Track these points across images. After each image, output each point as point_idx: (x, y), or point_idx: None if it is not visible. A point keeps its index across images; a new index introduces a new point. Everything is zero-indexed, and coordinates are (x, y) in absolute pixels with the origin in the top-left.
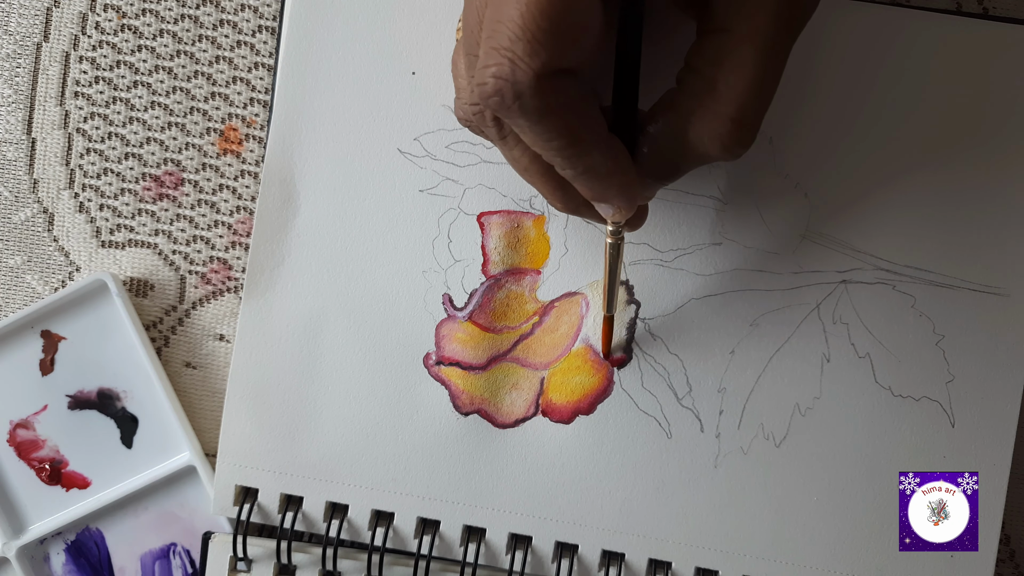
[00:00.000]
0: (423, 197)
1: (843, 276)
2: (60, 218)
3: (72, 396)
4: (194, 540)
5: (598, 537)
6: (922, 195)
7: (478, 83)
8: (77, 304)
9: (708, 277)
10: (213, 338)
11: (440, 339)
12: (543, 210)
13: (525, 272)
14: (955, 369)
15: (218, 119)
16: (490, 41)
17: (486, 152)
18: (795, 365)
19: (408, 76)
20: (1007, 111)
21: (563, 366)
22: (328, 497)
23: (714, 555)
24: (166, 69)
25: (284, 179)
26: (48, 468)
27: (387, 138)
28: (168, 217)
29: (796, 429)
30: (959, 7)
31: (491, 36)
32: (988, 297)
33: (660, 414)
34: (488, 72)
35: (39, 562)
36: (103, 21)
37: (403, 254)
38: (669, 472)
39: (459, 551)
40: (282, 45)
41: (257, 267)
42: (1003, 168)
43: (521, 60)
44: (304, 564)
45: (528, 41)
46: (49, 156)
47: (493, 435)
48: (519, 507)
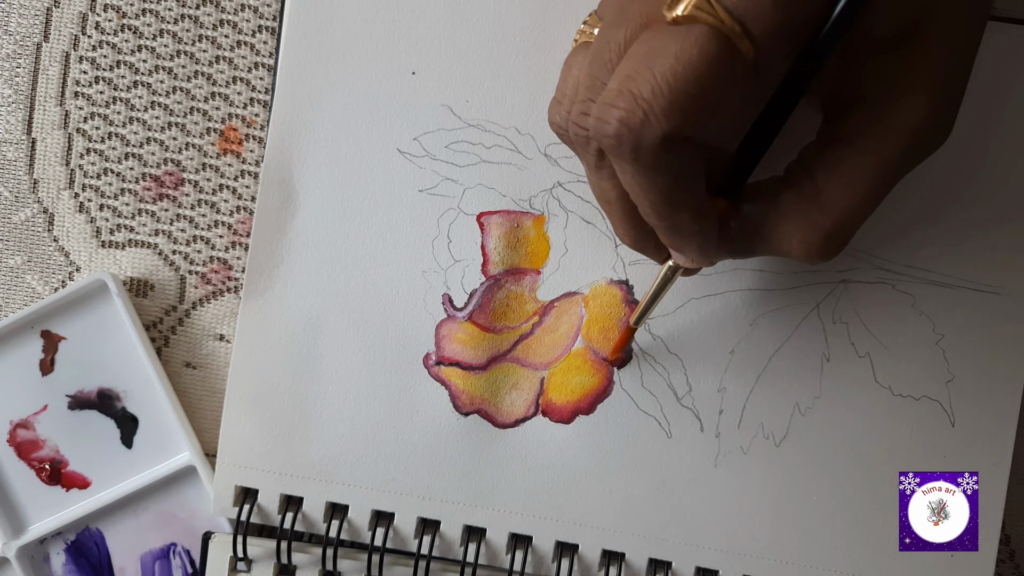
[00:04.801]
0: (423, 197)
1: (843, 275)
2: (60, 218)
3: (72, 396)
4: (194, 540)
5: (598, 537)
6: (922, 195)
7: (600, 117)
8: (77, 304)
9: (708, 277)
10: (213, 338)
11: (440, 339)
12: (543, 210)
13: (525, 272)
14: (955, 369)
15: (218, 119)
16: (629, 83)
17: (486, 152)
18: (795, 365)
19: (408, 76)
20: (1007, 111)
21: (563, 366)
22: (328, 497)
23: (714, 555)
24: (166, 69)
25: (283, 179)
26: (48, 468)
27: (387, 138)
28: (168, 217)
29: (796, 429)
30: None
31: (632, 78)
32: (988, 297)
33: (660, 414)
34: (615, 114)
35: (39, 562)
36: (103, 21)
37: (403, 254)
38: (669, 472)
39: (459, 551)
40: (282, 45)
41: (257, 267)
42: (1003, 168)
43: (656, 117)
44: (304, 564)
45: (671, 101)
46: (49, 156)
47: (493, 435)
48: (519, 507)
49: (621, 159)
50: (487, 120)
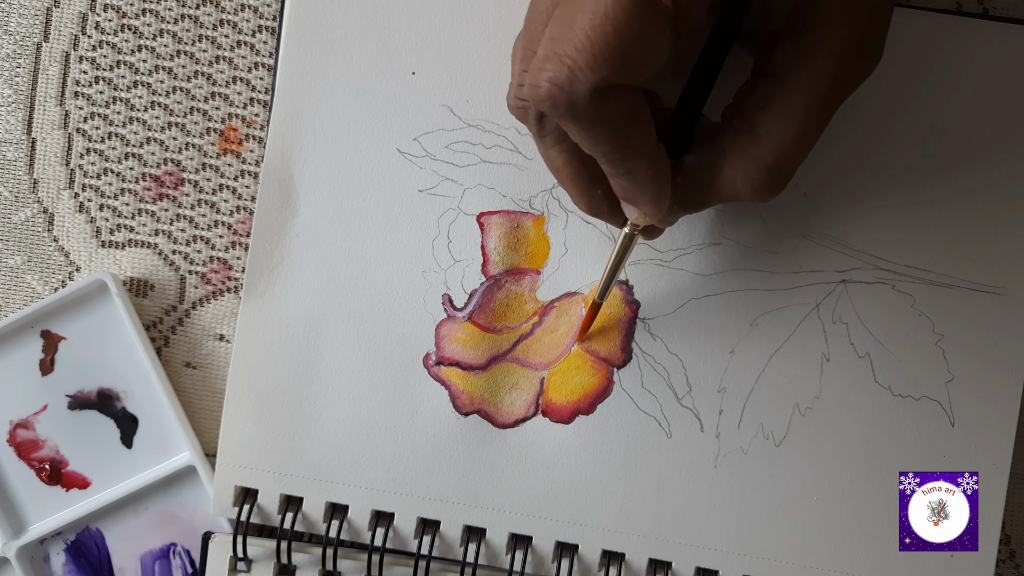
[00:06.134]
0: (423, 197)
1: (843, 276)
2: (60, 218)
3: (72, 396)
4: (194, 540)
5: (598, 537)
6: (921, 195)
7: (532, 83)
8: (77, 304)
9: (708, 277)
10: (213, 338)
11: (440, 339)
12: (543, 210)
13: (525, 272)
14: (955, 369)
15: (218, 119)
16: (553, 44)
17: (486, 152)
18: (795, 365)
19: (408, 76)
20: (1007, 111)
21: (563, 366)
22: (328, 497)
23: (714, 555)
24: (166, 69)
25: (283, 179)
26: (48, 468)
27: (386, 138)
28: (168, 217)
29: (796, 429)
30: (959, 7)
31: (555, 39)
32: (988, 297)
33: (660, 414)
34: (544, 75)
35: (39, 562)
36: (103, 21)
37: (403, 254)
38: (669, 472)
39: (459, 551)
40: (282, 45)
41: (256, 267)
42: (1003, 168)
43: (581, 71)
44: (304, 564)
45: (593, 55)
46: (49, 156)
47: (493, 435)
48: (519, 507)
49: (561, 119)
50: (487, 120)
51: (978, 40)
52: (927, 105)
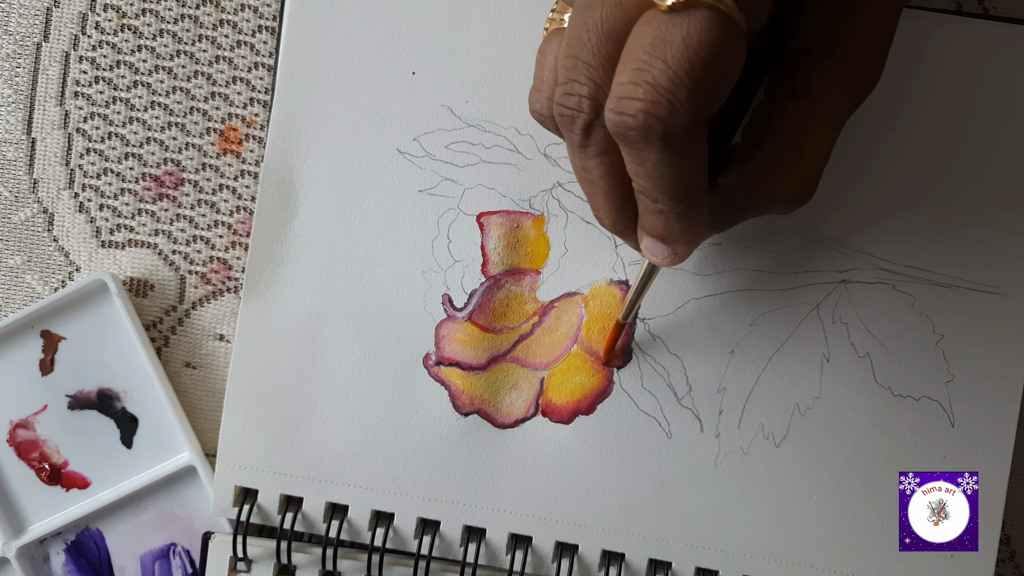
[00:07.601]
0: (422, 197)
1: (843, 276)
2: (60, 218)
3: (72, 396)
4: (194, 540)
5: (598, 537)
6: (921, 195)
7: (618, 111)
8: (77, 304)
9: (708, 277)
10: (213, 338)
11: (440, 339)
12: (543, 210)
13: (525, 272)
14: (955, 369)
15: (218, 119)
16: (643, 75)
17: (485, 152)
18: (795, 365)
19: (408, 76)
20: (1007, 111)
21: (563, 366)
22: (328, 498)
23: (714, 555)
24: (166, 69)
25: (283, 179)
26: (48, 468)
27: (386, 138)
28: (168, 217)
29: (796, 429)
30: (959, 7)
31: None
32: (987, 297)
33: (660, 414)
34: (636, 105)
35: (39, 562)
36: (103, 21)
37: (402, 254)
38: (669, 472)
39: (459, 551)
40: (282, 45)
41: (256, 267)
42: (1002, 168)
43: (682, 105)
44: (304, 564)
45: (691, 89)
46: (49, 156)
47: (493, 435)
48: (519, 507)
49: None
50: (487, 120)
51: (978, 40)
52: (927, 105)
